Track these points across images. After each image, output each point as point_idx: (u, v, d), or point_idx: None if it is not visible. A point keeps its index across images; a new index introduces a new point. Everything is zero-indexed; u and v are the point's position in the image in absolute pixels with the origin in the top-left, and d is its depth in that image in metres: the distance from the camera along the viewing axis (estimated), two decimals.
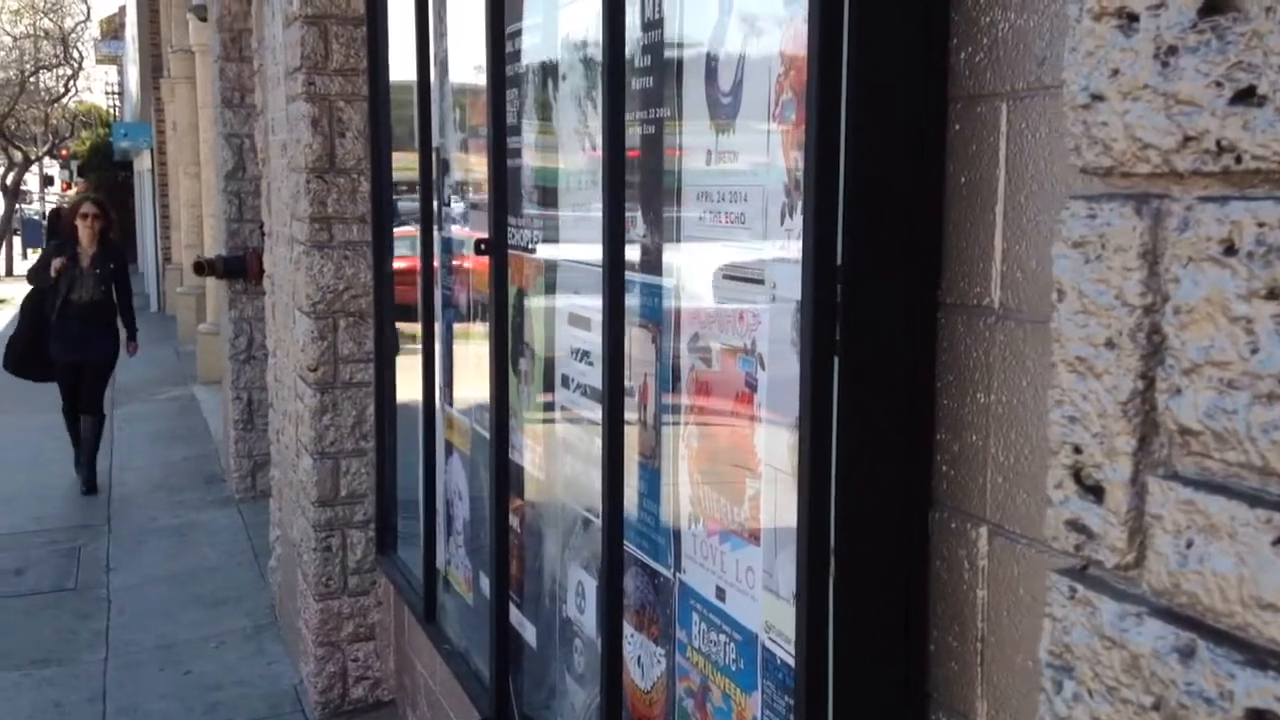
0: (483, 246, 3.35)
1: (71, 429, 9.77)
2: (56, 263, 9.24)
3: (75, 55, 37.19)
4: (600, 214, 2.96)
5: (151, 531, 8.56)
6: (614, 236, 2.58)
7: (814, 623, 1.85)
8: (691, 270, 2.56)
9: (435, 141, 4.18)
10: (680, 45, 2.57)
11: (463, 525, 4.30)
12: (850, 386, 1.81)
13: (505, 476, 3.43)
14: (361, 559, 5.46)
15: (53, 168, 52.76)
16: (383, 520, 5.08)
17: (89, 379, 9.51)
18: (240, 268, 8.71)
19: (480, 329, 4.00)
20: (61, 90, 38.06)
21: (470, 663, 3.90)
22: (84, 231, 9.34)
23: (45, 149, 40.02)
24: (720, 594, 2.49)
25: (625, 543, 2.91)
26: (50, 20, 35.66)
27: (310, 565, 5.43)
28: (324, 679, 5.46)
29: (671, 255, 2.63)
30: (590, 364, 3.13)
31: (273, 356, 6.55)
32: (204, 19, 12.68)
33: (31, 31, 35.50)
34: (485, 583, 4.04)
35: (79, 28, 36.83)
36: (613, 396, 2.63)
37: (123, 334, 9.80)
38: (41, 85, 37.34)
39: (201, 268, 9.22)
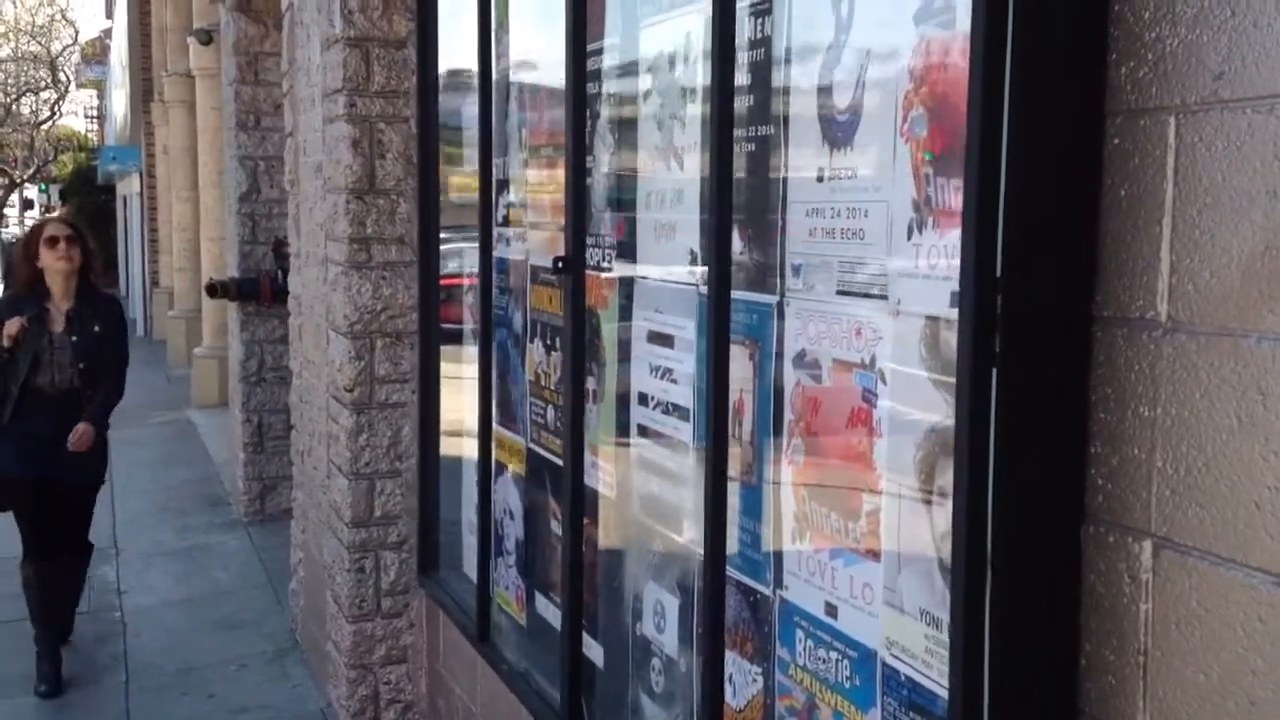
0: (560, 264, 3.34)
1: (37, 587, 6.15)
2: (12, 325, 5.75)
3: (62, 79, 37.12)
4: (688, 231, 2.98)
5: (160, 555, 8.50)
6: (720, 256, 2.59)
7: (971, 639, 1.85)
8: (797, 287, 2.56)
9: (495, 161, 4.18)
10: (787, 63, 2.58)
11: (514, 544, 4.28)
12: (1009, 398, 1.81)
13: (581, 498, 3.42)
14: (395, 580, 5.43)
15: (30, 190, 52.52)
16: (425, 540, 5.06)
17: (73, 509, 6.21)
18: (253, 290, 8.69)
19: (536, 347, 4.00)
20: (47, 114, 37.99)
21: (532, 682, 3.87)
22: (55, 271, 5.92)
23: (30, 172, 39.89)
24: (831, 610, 2.48)
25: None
26: (38, 44, 35.60)
27: (343, 587, 5.40)
28: (356, 702, 5.42)
29: (774, 272, 2.63)
30: (673, 381, 3.13)
31: (298, 377, 6.52)
32: (207, 43, 12.72)
33: (17, 55, 35.44)
34: (541, 603, 4.03)
35: (66, 51, 36.80)
36: (717, 416, 2.63)
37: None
38: (27, 108, 37.25)
39: (214, 290, 9.17)
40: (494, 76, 4.06)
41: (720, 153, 2.57)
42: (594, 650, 3.58)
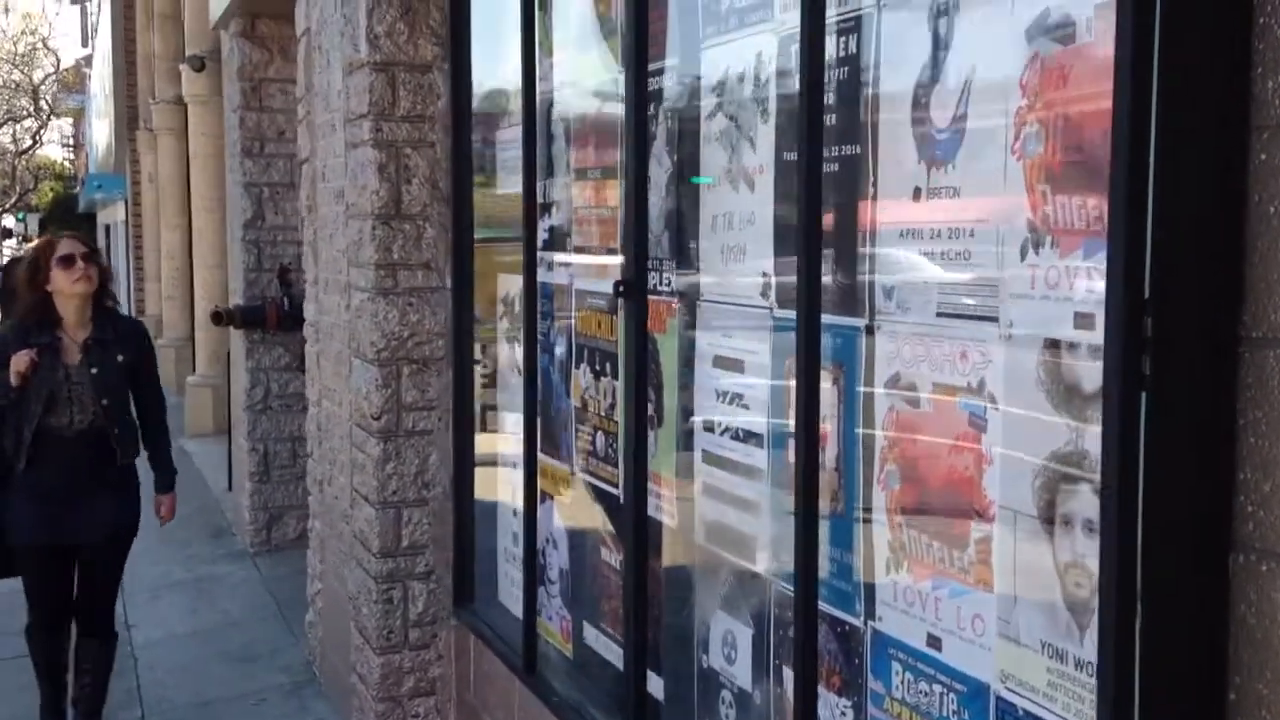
0: (621, 289, 3.28)
1: (49, 662, 5.43)
2: (20, 360, 4.92)
3: (44, 106, 36.96)
4: (761, 253, 2.92)
5: (166, 586, 8.38)
6: (811, 279, 2.53)
7: (1121, 673, 1.79)
8: (890, 309, 2.50)
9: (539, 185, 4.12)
10: (876, 82, 2.53)
11: (558, 574, 4.21)
12: (1158, 423, 1.76)
13: (644, 528, 3.35)
14: (423, 611, 5.34)
15: (8, 220, 52.28)
16: (460, 570, 4.97)
17: (97, 575, 5.33)
18: (259, 317, 8.59)
19: (583, 373, 3.94)
20: (30, 142, 37.81)
21: (586, 715, 3.79)
22: (70, 295, 5.10)
23: (11, 202, 39.68)
24: (934, 642, 2.42)
25: None
26: (20, 72, 35.44)
27: (370, 618, 5.31)
28: None
29: (863, 294, 2.57)
30: (744, 406, 3.07)
31: (316, 406, 6.43)
32: (200, 69, 12.62)
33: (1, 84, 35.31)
34: (591, 634, 3.95)
35: (48, 80, 36.64)
36: (808, 443, 2.56)
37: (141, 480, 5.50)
38: (7, 137, 37.08)
39: (220, 317, 9.06)
40: (538, 99, 4.00)
41: (810, 174, 2.51)
42: (653, 682, 3.50)
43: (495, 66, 4.64)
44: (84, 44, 36.47)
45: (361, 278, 5.25)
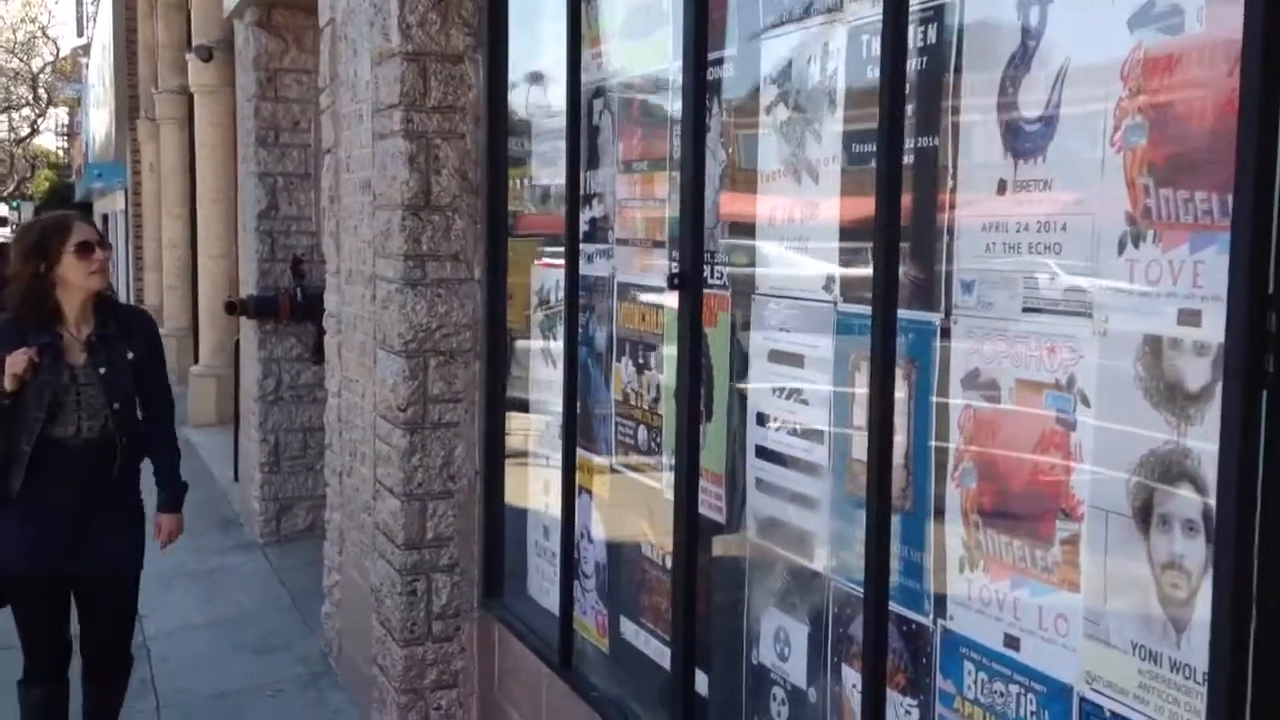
0: (677, 280, 3.24)
1: (42, 712, 4.59)
2: (17, 361, 4.22)
3: (42, 95, 36.82)
4: (824, 247, 2.88)
5: (177, 577, 8.29)
6: (889, 274, 2.49)
7: (1235, 681, 1.75)
8: (969, 303, 2.46)
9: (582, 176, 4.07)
10: (957, 72, 2.48)
11: (593, 568, 4.17)
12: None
13: (695, 523, 3.31)
14: (446, 604, 5.29)
15: (1, 207, 52.11)
16: (489, 564, 4.93)
17: (108, 612, 4.62)
18: (272, 308, 8.52)
19: (624, 366, 3.89)
20: (28, 130, 37.68)
21: (627, 710, 3.75)
22: (79, 288, 4.40)
23: (10, 189, 39.53)
24: (1012, 642, 2.38)
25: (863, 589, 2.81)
26: (19, 60, 35.31)
27: (394, 610, 5.26)
28: None
29: (939, 289, 2.53)
30: (803, 402, 3.03)
31: (336, 397, 6.38)
32: (207, 59, 12.55)
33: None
34: (630, 628, 3.91)
35: (47, 68, 36.50)
36: (882, 440, 2.52)
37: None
38: (4, 126, 36.95)
39: (233, 307, 8.99)
40: (582, 90, 3.95)
41: (890, 168, 2.47)
42: (698, 679, 3.46)
43: (533, 57, 4.59)
44: (79, 34, 36.30)
45: (389, 269, 5.20)
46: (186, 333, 16.25)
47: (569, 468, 4.07)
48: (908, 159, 2.57)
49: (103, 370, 4.40)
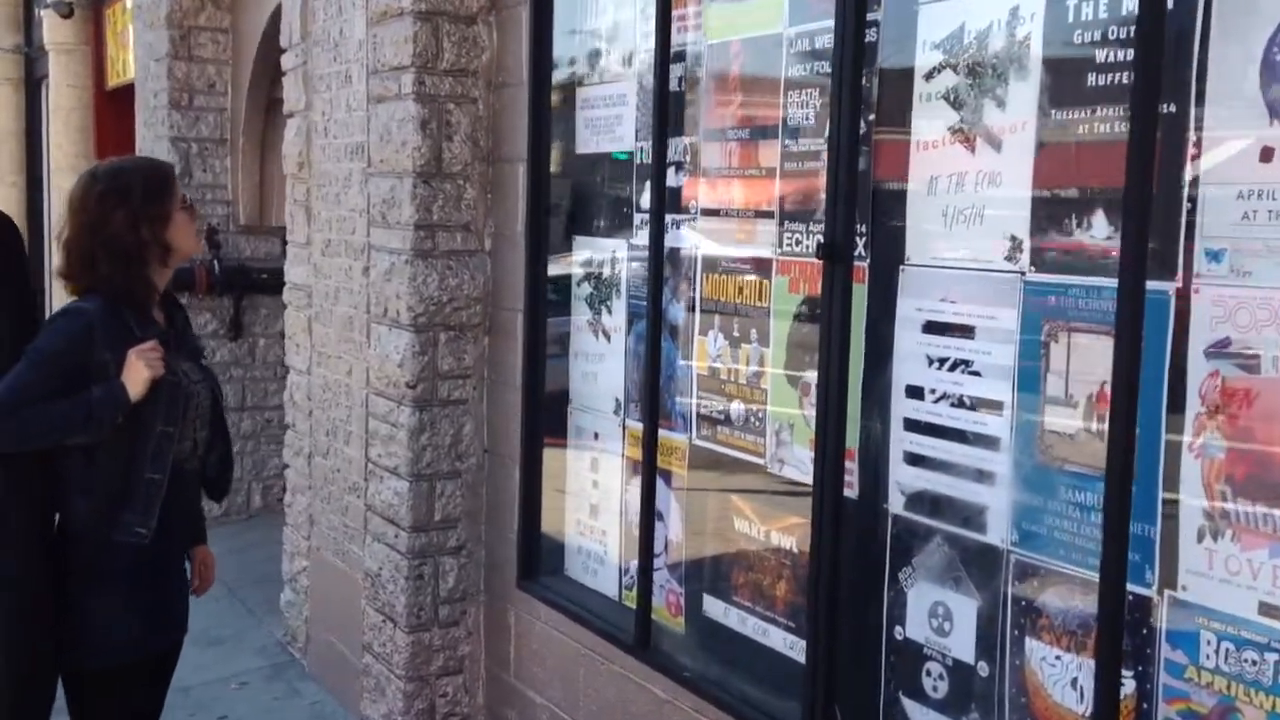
0: (825, 251, 3.15)
1: None
2: (151, 357, 3.26)
3: None
4: (1005, 216, 2.85)
5: None
6: (1139, 243, 2.46)
7: None
8: (1218, 271, 2.44)
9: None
10: (1205, 34, 2.46)
11: (663, 546, 4.07)
12: None
13: (838, 500, 3.24)
14: (453, 588, 5.12)
15: None
16: (527, 544, 4.76)
17: (168, 683, 3.82)
18: (187, 281, 8.10)
19: (711, 339, 3.80)
20: None
21: (730, 689, 3.66)
22: (181, 255, 3.51)
23: None
24: (1269, 610, 2.39)
25: (1060, 562, 2.79)
26: None
27: (400, 596, 5.06)
28: (412, 717, 5.10)
29: (1174, 257, 2.51)
30: (974, 373, 2.99)
31: (303, 374, 6.10)
32: (68, 15, 11.91)
33: None
34: (716, 606, 3.84)
35: None
36: (1127, 413, 2.50)
37: None
38: None
39: None
40: (672, 51, 3.82)
41: (1144, 134, 2.44)
42: (797, 649, 3.39)
43: (585, 17, 4.43)
44: None
45: (394, 239, 4.98)
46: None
47: (650, 445, 3.95)
48: (1121, 126, 2.54)
49: (199, 380, 3.53)
